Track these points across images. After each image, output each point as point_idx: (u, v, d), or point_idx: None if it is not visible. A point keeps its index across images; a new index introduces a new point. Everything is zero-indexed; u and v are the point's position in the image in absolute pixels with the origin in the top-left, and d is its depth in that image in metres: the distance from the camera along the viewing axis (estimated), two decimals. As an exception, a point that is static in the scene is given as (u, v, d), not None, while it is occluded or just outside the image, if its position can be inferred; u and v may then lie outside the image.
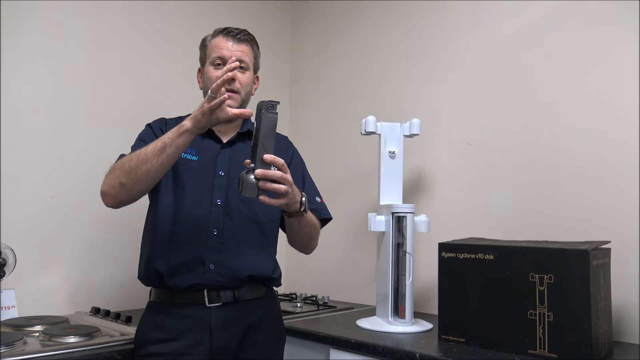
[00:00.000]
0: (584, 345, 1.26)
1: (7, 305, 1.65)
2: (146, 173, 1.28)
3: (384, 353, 1.43)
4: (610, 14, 1.64)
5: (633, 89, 1.57)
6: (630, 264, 1.53)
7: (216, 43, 1.48)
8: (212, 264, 1.38)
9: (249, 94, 1.51)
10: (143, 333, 1.40)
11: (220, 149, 1.48)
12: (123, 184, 1.30)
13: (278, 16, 2.60)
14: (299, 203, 1.32)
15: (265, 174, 1.18)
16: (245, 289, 1.41)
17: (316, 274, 2.32)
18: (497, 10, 1.90)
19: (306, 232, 1.47)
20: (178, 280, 1.37)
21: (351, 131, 2.26)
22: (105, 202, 1.36)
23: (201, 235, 1.39)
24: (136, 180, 1.29)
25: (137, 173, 1.28)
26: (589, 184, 1.64)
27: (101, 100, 1.96)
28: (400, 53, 2.19)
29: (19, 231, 1.73)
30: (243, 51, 1.48)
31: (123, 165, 1.31)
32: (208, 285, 1.37)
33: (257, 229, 1.46)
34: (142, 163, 1.27)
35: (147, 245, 1.45)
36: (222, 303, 1.38)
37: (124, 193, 1.32)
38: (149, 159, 1.27)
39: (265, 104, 1.19)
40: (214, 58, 1.47)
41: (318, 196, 1.58)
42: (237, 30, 1.50)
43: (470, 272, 1.45)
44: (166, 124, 1.51)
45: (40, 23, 1.82)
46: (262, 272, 1.44)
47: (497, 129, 1.87)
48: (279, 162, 1.21)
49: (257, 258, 1.44)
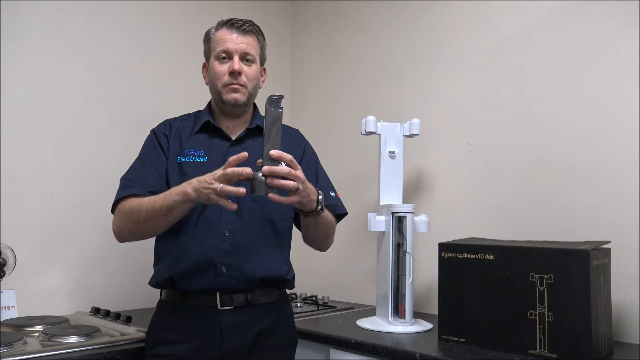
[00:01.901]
0: (584, 345, 1.26)
1: (7, 305, 1.65)
2: (154, 228, 1.35)
3: (384, 353, 1.43)
4: (610, 13, 1.64)
5: (633, 89, 1.57)
6: (630, 264, 1.53)
7: (220, 36, 1.43)
8: (224, 267, 1.34)
9: (256, 87, 1.47)
10: (154, 333, 1.39)
11: (229, 146, 1.44)
12: (133, 232, 1.37)
13: (278, 15, 2.60)
14: (316, 202, 1.29)
15: (272, 170, 1.16)
16: (258, 293, 1.38)
17: (316, 274, 2.32)
18: (497, 9, 1.90)
19: (322, 230, 1.44)
20: (190, 284, 1.35)
21: (351, 131, 2.26)
22: (118, 240, 1.42)
23: (212, 237, 1.36)
24: (146, 231, 1.37)
25: (146, 227, 1.34)
26: (589, 184, 1.64)
27: (101, 100, 1.96)
28: (400, 53, 2.19)
29: (19, 231, 1.73)
30: (248, 43, 1.43)
31: (132, 217, 1.34)
32: (220, 288, 1.34)
33: (269, 228, 1.42)
34: (150, 219, 1.31)
35: (158, 250, 1.43)
36: (234, 307, 1.35)
37: (135, 237, 1.40)
38: (156, 217, 1.31)
39: (269, 98, 1.17)
40: (219, 52, 1.42)
41: (333, 191, 1.53)
42: (242, 22, 1.44)
43: (470, 272, 1.45)
44: (170, 126, 1.48)
45: (40, 23, 1.82)
46: (275, 274, 1.40)
47: (497, 129, 1.87)
48: (287, 158, 1.18)
49: (270, 259, 1.40)
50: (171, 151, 1.44)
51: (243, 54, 1.42)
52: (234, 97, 1.42)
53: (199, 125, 1.46)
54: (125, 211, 1.36)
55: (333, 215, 1.49)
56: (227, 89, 1.42)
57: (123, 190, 1.39)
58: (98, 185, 1.89)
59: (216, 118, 1.49)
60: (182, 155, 1.43)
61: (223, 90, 1.42)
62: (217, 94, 1.45)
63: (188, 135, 1.46)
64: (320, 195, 1.30)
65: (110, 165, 1.89)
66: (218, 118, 1.49)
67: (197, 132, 1.46)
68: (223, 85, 1.42)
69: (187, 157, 1.42)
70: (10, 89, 1.75)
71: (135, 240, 1.41)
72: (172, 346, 1.34)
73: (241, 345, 1.34)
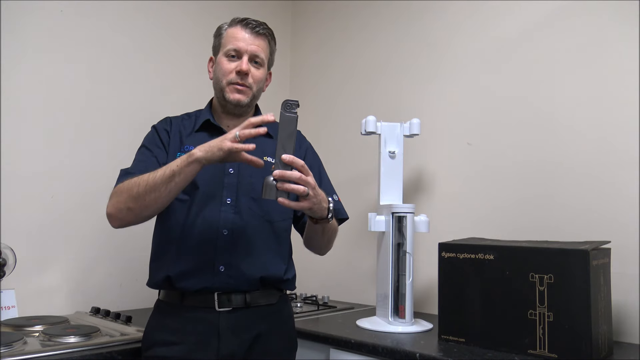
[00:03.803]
0: (584, 345, 1.26)
1: (7, 305, 1.65)
2: (154, 200, 1.27)
3: (384, 353, 1.43)
4: (610, 14, 1.64)
5: (633, 89, 1.57)
6: (630, 264, 1.53)
7: (233, 33, 1.42)
8: (222, 266, 1.33)
9: (260, 90, 1.47)
10: (151, 334, 1.37)
11: None
12: (131, 208, 1.29)
13: (278, 15, 2.60)
14: (327, 210, 1.28)
15: (283, 174, 1.15)
16: (257, 294, 1.37)
17: (316, 273, 2.32)
18: (497, 9, 1.90)
19: (327, 236, 1.44)
20: (188, 283, 1.33)
21: (351, 131, 2.26)
22: (112, 224, 1.34)
23: (211, 236, 1.34)
24: (144, 206, 1.28)
25: (146, 200, 1.26)
26: (589, 184, 1.64)
27: (101, 100, 1.96)
28: (400, 52, 2.19)
29: (19, 231, 1.73)
30: (260, 46, 1.42)
31: (130, 190, 1.28)
32: (218, 288, 1.33)
33: (268, 228, 1.41)
34: (150, 190, 1.25)
35: (155, 249, 1.42)
36: (232, 308, 1.34)
37: (131, 217, 1.31)
38: (157, 186, 1.24)
39: (284, 103, 1.17)
40: (229, 49, 1.41)
41: (335, 194, 1.52)
42: (256, 23, 1.43)
43: (470, 272, 1.45)
44: (171, 123, 1.47)
45: (40, 23, 1.82)
46: (273, 273, 1.39)
47: (497, 129, 1.87)
48: (299, 164, 1.17)
49: (268, 258, 1.39)
50: (171, 147, 1.43)
51: (253, 56, 1.41)
52: (237, 97, 1.41)
53: (199, 124, 1.46)
54: (122, 190, 1.31)
55: (336, 219, 1.49)
56: (231, 87, 1.41)
57: (121, 177, 1.37)
58: (98, 185, 1.88)
59: (217, 116, 1.48)
60: (182, 151, 1.41)
61: (227, 88, 1.41)
62: (220, 91, 1.44)
63: (188, 133, 1.45)
64: (331, 203, 1.30)
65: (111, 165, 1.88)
66: (219, 116, 1.48)
67: (197, 131, 1.45)
68: (228, 83, 1.41)
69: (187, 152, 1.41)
70: (10, 89, 1.74)
71: (131, 221, 1.32)
72: (169, 347, 1.32)
73: (239, 348, 1.33)
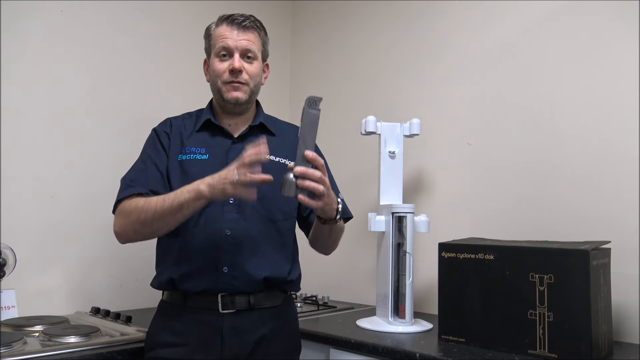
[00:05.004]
0: (584, 345, 1.26)
1: (7, 305, 1.65)
2: (162, 227, 1.30)
3: (384, 353, 1.43)
4: (610, 14, 1.64)
5: (633, 89, 1.57)
6: (630, 264, 1.53)
7: (220, 32, 1.41)
8: (225, 267, 1.32)
9: (258, 84, 1.45)
10: (154, 335, 1.37)
11: (231, 144, 1.41)
12: (138, 232, 1.32)
13: (278, 14, 2.60)
14: (336, 210, 1.29)
15: (305, 172, 1.15)
16: (261, 296, 1.35)
17: (316, 274, 2.32)
18: (497, 9, 1.90)
19: (334, 236, 1.44)
20: (191, 284, 1.32)
21: (351, 131, 2.26)
22: (119, 240, 1.37)
23: (214, 236, 1.33)
24: (152, 232, 1.32)
25: (153, 226, 1.29)
26: (589, 184, 1.64)
27: (101, 100, 1.96)
28: (400, 52, 2.19)
29: (19, 231, 1.73)
30: (249, 39, 1.40)
31: (138, 216, 1.29)
32: (222, 289, 1.32)
33: (272, 227, 1.39)
34: (158, 219, 1.27)
35: (159, 250, 1.42)
36: (235, 310, 1.32)
37: (139, 237, 1.35)
38: (165, 216, 1.26)
39: (308, 99, 1.16)
40: (219, 49, 1.39)
41: (340, 194, 1.50)
42: (242, 17, 1.41)
43: (470, 272, 1.45)
44: (171, 125, 1.46)
45: (40, 23, 1.82)
46: (277, 274, 1.37)
47: (497, 129, 1.87)
48: (320, 162, 1.17)
49: (272, 258, 1.37)
50: (172, 149, 1.42)
51: (244, 51, 1.40)
52: (234, 95, 1.40)
53: (200, 124, 1.45)
54: (129, 210, 1.32)
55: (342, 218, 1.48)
56: (227, 86, 1.40)
57: (125, 190, 1.37)
58: (98, 185, 1.89)
59: (217, 116, 1.47)
60: (183, 153, 1.41)
61: (223, 88, 1.40)
62: (217, 92, 1.43)
63: (189, 133, 1.45)
64: (339, 205, 1.30)
65: (111, 165, 1.90)
66: (219, 116, 1.47)
67: (198, 131, 1.45)
68: (223, 83, 1.40)
69: (188, 154, 1.40)
70: (10, 89, 1.74)
71: (139, 240, 1.37)
72: (172, 349, 1.32)
73: (242, 350, 1.32)
